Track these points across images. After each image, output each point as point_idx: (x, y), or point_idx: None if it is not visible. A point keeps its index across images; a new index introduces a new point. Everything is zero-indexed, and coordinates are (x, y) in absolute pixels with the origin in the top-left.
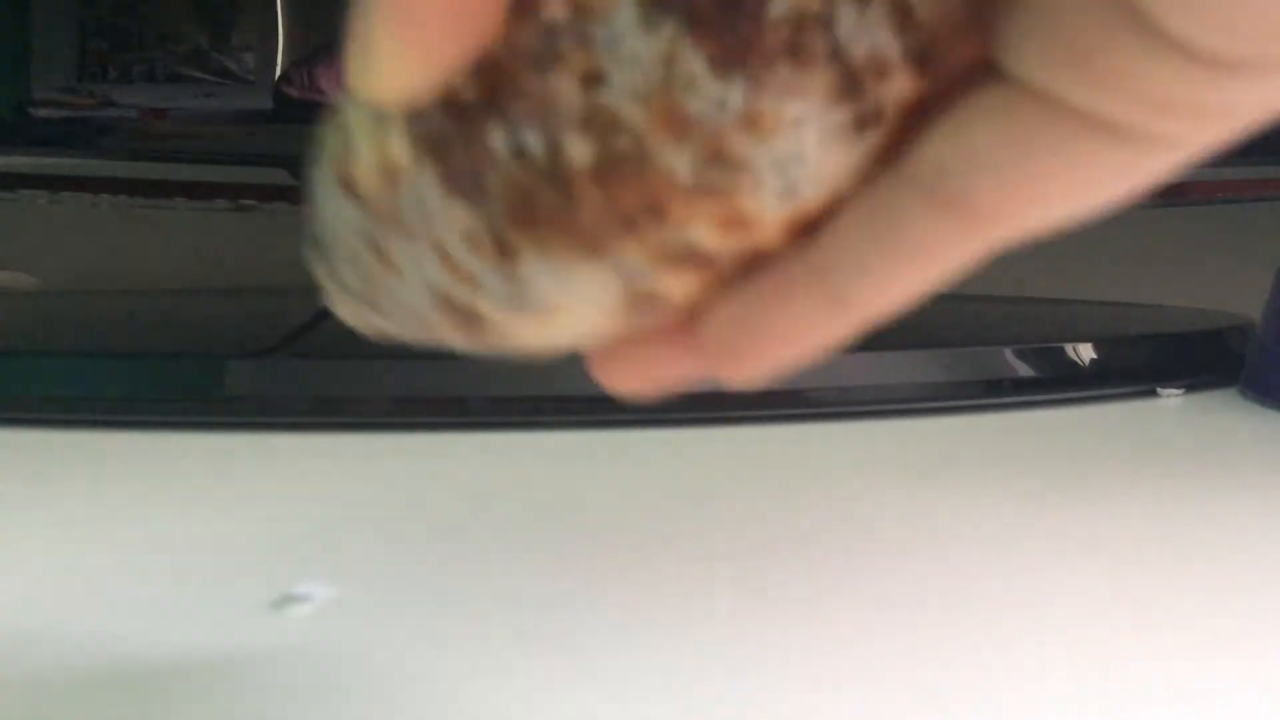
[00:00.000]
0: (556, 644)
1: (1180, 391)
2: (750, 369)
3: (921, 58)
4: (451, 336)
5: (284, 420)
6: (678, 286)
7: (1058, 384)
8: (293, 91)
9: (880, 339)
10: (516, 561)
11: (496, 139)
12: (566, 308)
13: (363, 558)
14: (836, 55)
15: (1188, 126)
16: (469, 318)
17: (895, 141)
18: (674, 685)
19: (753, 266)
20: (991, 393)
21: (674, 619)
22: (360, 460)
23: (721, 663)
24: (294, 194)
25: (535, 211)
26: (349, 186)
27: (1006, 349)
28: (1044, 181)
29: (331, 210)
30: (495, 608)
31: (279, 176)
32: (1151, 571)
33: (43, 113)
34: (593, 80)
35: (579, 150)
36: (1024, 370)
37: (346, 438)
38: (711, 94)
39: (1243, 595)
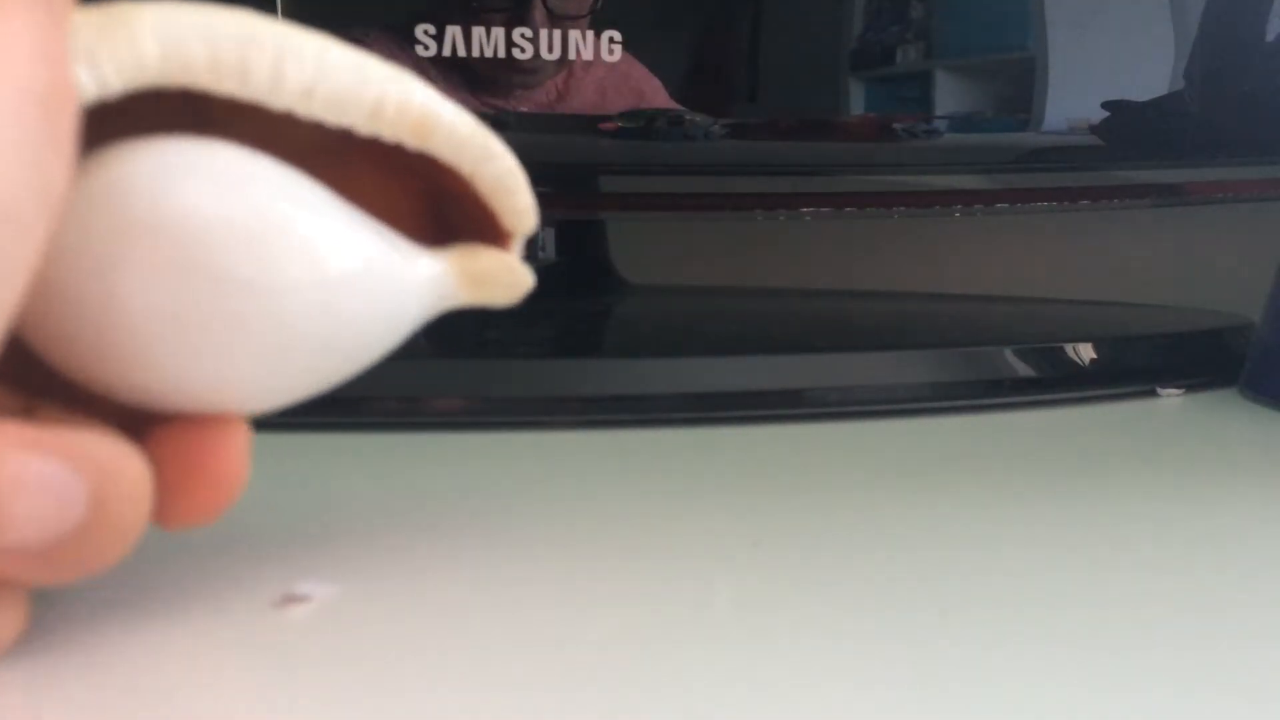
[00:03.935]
0: (556, 644)
1: (1180, 391)
2: None
3: None
4: None
5: (287, 420)
6: None
7: (1058, 384)
8: None
9: (880, 339)
10: (517, 562)
11: None
12: None
13: (363, 558)
14: None
15: None
16: None
17: None
18: (674, 685)
19: None
20: (992, 393)
21: (674, 619)
22: (361, 460)
23: (720, 663)
24: None
25: None
26: None
27: (1007, 349)
28: None
29: None
30: (496, 608)
31: None
32: (1152, 571)
33: None
34: None
35: None
36: (1024, 370)
37: (348, 438)
38: None
39: (1243, 595)
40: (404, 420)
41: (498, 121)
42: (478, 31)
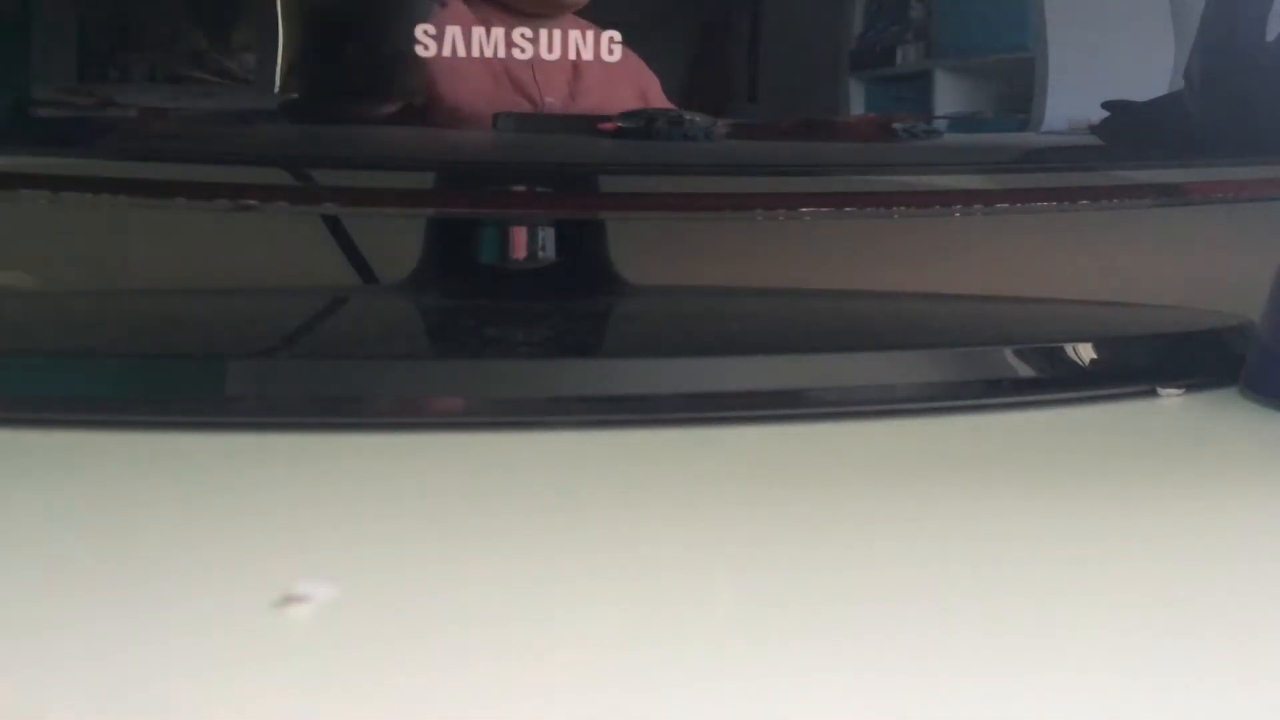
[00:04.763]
0: (556, 645)
1: (1180, 391)
2: None
3: None
4: None
5: (284, 420)
6: None
7: (1058, 384)
8: None
9: (880, 339)
10: (517, 562)
11: None
12: None
13: (363, 558)
14: None
15: None
16: None
17: None
18: (674, 685)
19: None
20: (991, 392)
21: (674, 620)
22: (360, 460)
23: (720, 663)
24: (294, 194)
25: None
26: None
27: (1007, 349)
28: None
29: None
30: (496, 608)
31: (279, 176)
32: (1151, 571)
33: (43, 113)
34: None
35: None
36: (1024, 370)
37: (346, 438)
38: None
39: (1243, 595)
40: (404, 420)
41: (496, 122)
42: None
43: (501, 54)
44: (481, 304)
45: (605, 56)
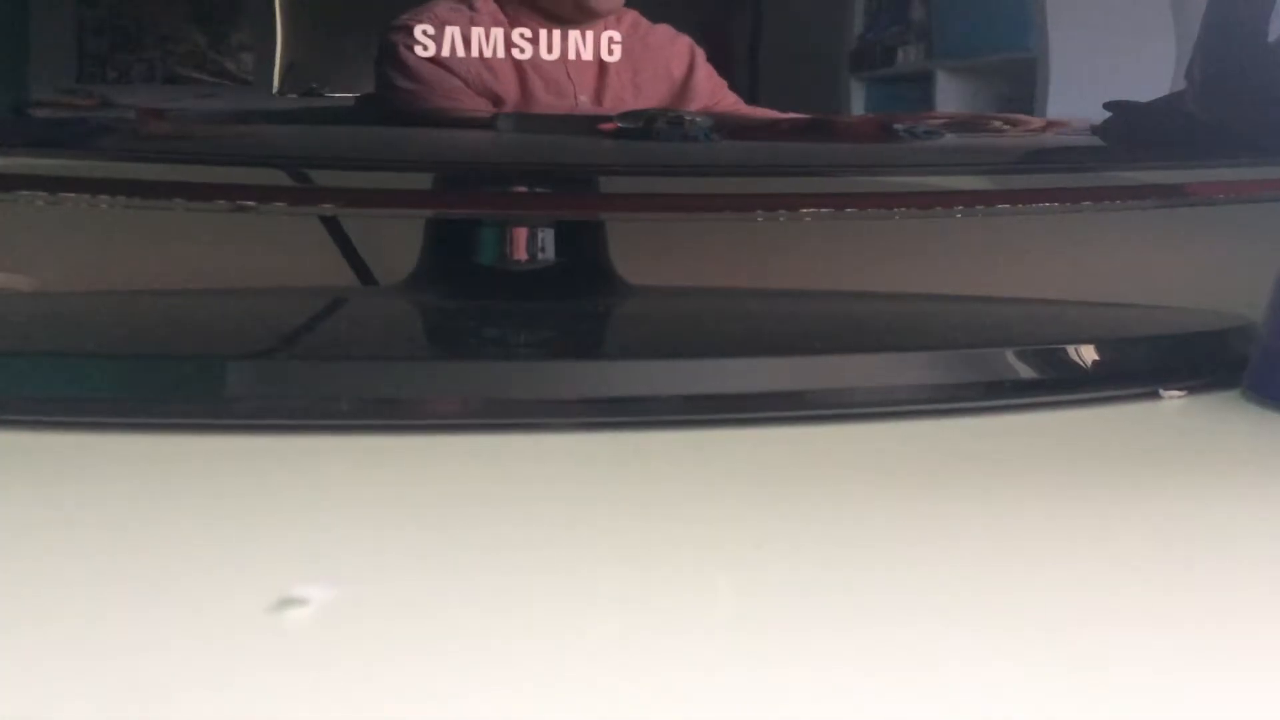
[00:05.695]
0: (556, 646)
1: (1182, 392)
2: None
3: None
4: None
5: (284, 420)
6: None
7: (1059, 385)
8: None
9: (881, 340)
10: (517, 562)
11: None
12: None
13: (363, 558)
14: None
15: None
16: None
17: None
18: (674, 687)
19: None
20: (992, 394)
21: (674, 620)
22: (361, 460)
23: (721, 664)
24: (294, 194)
25: None
26: None
27: (1008, 350)
28: None
29: None
30: (495, 609)
31: (279, 176)
32: (1153, 572)
33: (42, 113)
34: None
35: None
36: (1025, 371)
37: (347, 438)
38: None
39: (1244, 596)
40: (404, 421)
41: (497, 122)
42: None
43: (513, 55)
44: (481, 305)
45: (605, 57)
